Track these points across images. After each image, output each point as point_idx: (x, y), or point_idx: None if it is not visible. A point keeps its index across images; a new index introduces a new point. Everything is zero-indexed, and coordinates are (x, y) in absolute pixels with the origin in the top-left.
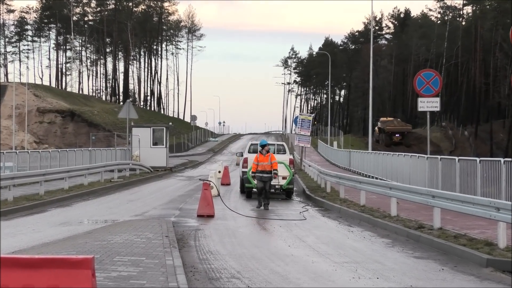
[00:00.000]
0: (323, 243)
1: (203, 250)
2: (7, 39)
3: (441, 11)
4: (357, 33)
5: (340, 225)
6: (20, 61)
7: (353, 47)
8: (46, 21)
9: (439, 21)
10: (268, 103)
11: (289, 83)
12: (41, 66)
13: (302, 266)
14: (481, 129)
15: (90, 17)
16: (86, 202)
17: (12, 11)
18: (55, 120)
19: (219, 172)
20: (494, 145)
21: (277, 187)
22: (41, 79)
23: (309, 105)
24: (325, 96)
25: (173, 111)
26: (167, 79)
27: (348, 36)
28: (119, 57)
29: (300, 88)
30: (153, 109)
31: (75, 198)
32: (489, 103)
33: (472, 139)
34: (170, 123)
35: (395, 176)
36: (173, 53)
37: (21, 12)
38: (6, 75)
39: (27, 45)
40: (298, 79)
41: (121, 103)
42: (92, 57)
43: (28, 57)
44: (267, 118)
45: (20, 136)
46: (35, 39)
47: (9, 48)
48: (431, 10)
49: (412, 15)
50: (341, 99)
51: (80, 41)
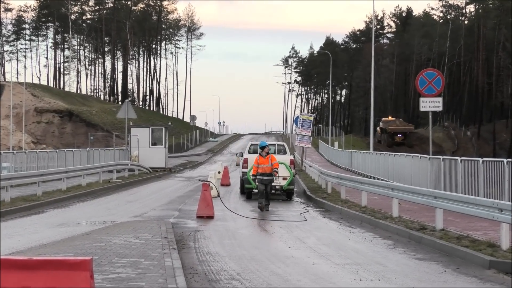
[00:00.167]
0: (324, 244)
1: (202, 252)
2: (4, 38)
3: (444, 10)
4: (358, 32)
5: (341, 226)
6: (17, 60)
7: (354, 46)
8: (44, 19)
9: (441, 20)
10: (268, 103)
11: (289, 82)
12: (38, 65)
13: (302, 267)
14: (483, 129)
15: (88, 16)
16: (84, 203)
17: (10, 9)
18: (53, 120)
19: (219, 172)
20: (497, 145)
21: (277, 187)
22: (39, 78)
23: (310, 105)
24: (326, 95)
25: (172, 111)
26: (166, 78)
27: (350, 35)
28: (118, 56)
29: (300, 87)
30: (152, 109)
31: (73, 199)
32: (492, 103)
33: (474, 139)
34: (169, 123)
35: (397, 176)
36: (172, 52)
37: (19, 10)
38: (4, 74)
39: (25, 44)
40: (299, 78)
41: (120, 102)
42: (90, 56)
43: (25, 56)
44: (267, 118)
45: (17, 136)
46: (33, 38)
47: (7, 47)
48: (433, 9)
49: (414, 14)
50: (342, 98)
51: (78, 40)
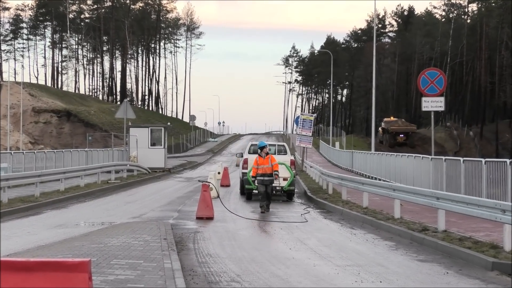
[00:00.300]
0: (325, 246)
1: (202, 253)
2: (1, 37)
3: (446, 9)
4: (359, 31)
5: (342, 227)
6: (15, 59)
7: (355, 45)
8: (42, 19)
9: (443, 19)
10: (268, 102)
11: (290, 82)
12: (36, 64)
13: (303, 269)
14: (486, 129)
15: (87, 15)
16: (82, 204)
17: (7, 8)
18: (51, 120)
19: (219, 173)
20: (500, 145)
21: (278, 188)
22: (37, 78)
23: (310, 104)
24: (327, 95)
25: (172, 111)
26: (165, 78)
27: (351, 34)
28: (116, 55)
29: (301, 87)
30: (151, 108)
31: (71, 199)
32: (494, 103)
33: (477, 139)
34: (169, 123)
35: (399, 177)
36: (171, 52)
37: (16, 9)
38: (1, 74)
39: (22, 43)
40: (300, 78)
41: (119, 102)
42: (88, 55)
43: (23, 56)
44: (267, 118)
45: (15, 136)
46: (31, 37)
47: (4, 47)
48: (435, 7)
49: (416, 12)
50: (343, 98)
51: (76, 39)
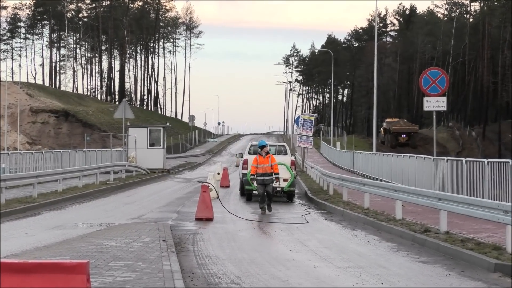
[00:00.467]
0: (326, 247)
1: (201, 255)
2: None
3: (448, 8)
4: (361, 30)
5: (343, 228)
6: (12, 59)
7: (356, 44)
8: (39, 17)
9: (445, 18)
10: (269, 102)
11: (290, 82)
12: (34, 64)
13: (304, 271)
14: (489, 130)
15: (85, 14)
16: (80, 205)
17: (5, 7)
18: (49, 120)
19: (218, 174)
20: (503, 146)
21: (278, 189)
22: (34, 77)
23: (311, 104)
24: (327, 95)
25: (171, 111)
26: (164, 77)
27: (352, 33)
28: (115, 55)
29: (302, 87)
30: (150, 108)
31: (69, 200)
32: (497, 102)
33: (479, 139)
34: (168, 123)
35: (400, 178)
36: (170, 51)
37: (14, 8)
38: None
39: (20, 42)
40: (300, 77)
41: (117, 102)
42: (86, 55)
43: (20, 55)
44: (267, 118)
45: (12, 136)
46: (28, 36)
47: (1, 46)
48: (437, 6)
49: (418, 11)
50: (344, 98)
51: (75, 38)
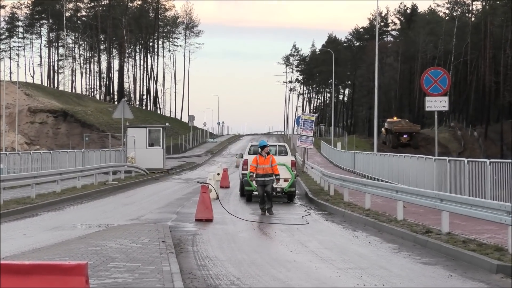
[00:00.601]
0: (327, 248)
1: (201, 256)
2: None
3: (450, 7)
4: (362, 30)
5: (344, 229)
6: (10, 58)
7: (357, 44)
8: (38, 17)
9: (447, 17)
10: (269, 102)
11: (291, 81)
12: (32, 64)
13: (304, 272)
14: (491, 130)
15: (84, 13)
16: (79, 206)
17: (3, 6)
18: (47, 120)
19: (218, 174)
20: (505, 146)
21: (278, 190)
22: (33, 77)
23: (311, 104)
24: (328, 95)
25: (170, 111)
26: (163, 77)
27: (353, 32)
28: (114, 54)
29: (302, 87)
30: (149, 108)
31: (67, 201)
32: (499, 102)
33: (481, 140)
34: (167, 124)
35: (402, 178)
36: (170, 50)
37: (12, 7)
38: None
39: (18, 42)
40: (300, 77)
41: (116, 102)
42: (85, 54)
43: (18, 55)
44: (268, 118)
45: (10, 137)
46: (26, 35)
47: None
48: (439, 5)
49: (419, 10)
50: (345, 98)
51: (73, 37)
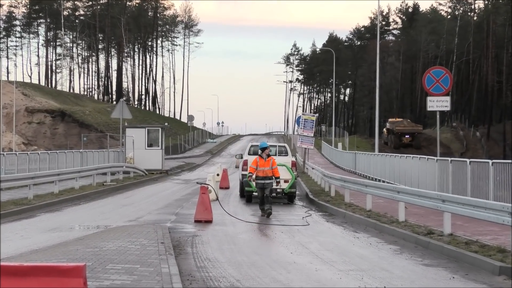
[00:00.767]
0: (327, 250)
1: (200, 258)
2: None
3: (452, 6)
4: (363, 29)
5: (345, 231)
6: (7, 58)
7: (358, 43)
8: (35, 16)
9: (449, 16)
10: (269, 102)
11: (291, 81)
12: (30, 63)
13: (305, 274)
14: (493, 130)
15: (82, 12)
16: (77, 207)
17: (0, 5)
18: (45, 120)
19: (218, 175)
20: (508, 146)
21: (278, 190)
22: (30, 77)
23: (312, 104)
24: (329, 95)
25: (169, 111)
26: (162, 77)
27: (354, 31)
28: (112, 54)
29: (302, 86)
30: (148, 108)
31: (65, 202)
32: (502, 102)
33: (484, 140)
34: (166, 124)
35: (403, 179)
36: (169, 50)
37: (10, 6)
38: None
39: (15, 41)
40: (301, 77)
41: (114, 102)
42: (83, 54)
43: (16, 54)
44: (268, 118)
45: (7, 137)
46: (24, 35)
47: None
48: (441, 4)
49: (421, 9)
50: (346, 98)
51: (71, 37)
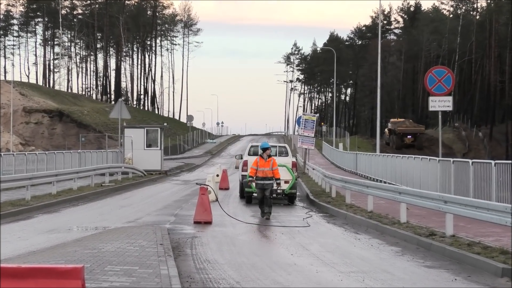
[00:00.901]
0: (328, 251)
1: (200, 259)
2: None
3: (454, 5)
4: (364, 28)
5: (346, 232)
6: (5, 57)
7: (360, 42)
8: (33, 15)
9: (451, 15)
10: (269, 102)
11: (291, 81)
12: (27, 63)
13: (305, 276)
14: (496, 130)
15: (80, 11)
16: (75, 208)
17: None
18: (43, 121)
19: (217, 175)
20: (510, 147)
21: (279, 191)
22: (28, 76)
23: (312, 104)
24: (330, 95)
25: (168, 111)
26: (161, 76)
27: (355, 31)
28: (111, 53)
29: (303, 86)
30: (146, 108)
31: (63, 203)
32: (504, 102)
33: (486, 140)
34: (165, 124)
35: (405, 180)
36: (168, 49)
37: (7, 5)
38: None
39: (13, 40)
40: (301, 76)
41: (113, 102)
42: (81, 53)
43: (13, 54)
44: (268, 118)
45: (5, 137)
46: (21, 34)
47: None
48: (443, 3)
49: (423, 8)
50: (347, 98)
51: (69, 36)
